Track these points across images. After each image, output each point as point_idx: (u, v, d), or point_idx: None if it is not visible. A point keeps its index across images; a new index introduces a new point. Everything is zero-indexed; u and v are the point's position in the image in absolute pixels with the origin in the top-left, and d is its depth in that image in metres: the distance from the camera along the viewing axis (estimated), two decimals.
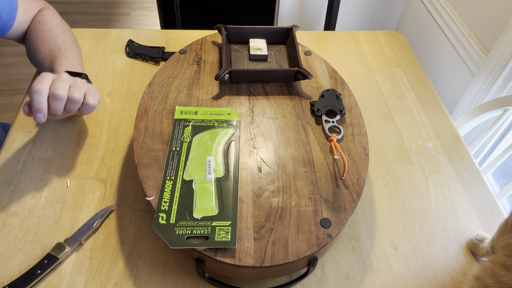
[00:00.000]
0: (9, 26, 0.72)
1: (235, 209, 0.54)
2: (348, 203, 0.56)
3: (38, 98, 0.57)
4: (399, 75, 0.92)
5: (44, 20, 0.75)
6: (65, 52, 0.72)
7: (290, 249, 0.51)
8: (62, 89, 0.59)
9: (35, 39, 0.73)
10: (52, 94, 0.58)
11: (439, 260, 0.61)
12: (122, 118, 0.77)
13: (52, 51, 0.71)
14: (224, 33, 0.77)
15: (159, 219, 0.52)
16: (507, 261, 0.47)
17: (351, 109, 0.69)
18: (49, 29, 0.74)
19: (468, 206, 0.69)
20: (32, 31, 0.74)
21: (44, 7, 0.78)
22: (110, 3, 2.65)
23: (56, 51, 0.71)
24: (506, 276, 0.46)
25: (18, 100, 1.92)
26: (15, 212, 0.62)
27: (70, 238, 0.58)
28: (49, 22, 0.75)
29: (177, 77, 0.72)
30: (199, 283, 0.56)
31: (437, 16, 1.39)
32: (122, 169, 0.69)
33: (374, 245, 0.62)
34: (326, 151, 0.62)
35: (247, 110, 0.68)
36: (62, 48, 0.72)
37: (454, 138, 0.80)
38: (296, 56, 0.74)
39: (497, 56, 1.07)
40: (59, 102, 0.59)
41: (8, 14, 0.70)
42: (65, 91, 0.59)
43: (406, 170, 0.73)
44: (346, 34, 1.03)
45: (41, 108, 0.58)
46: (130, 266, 0.57)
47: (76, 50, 0.75)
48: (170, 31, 0.98)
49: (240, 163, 0.60)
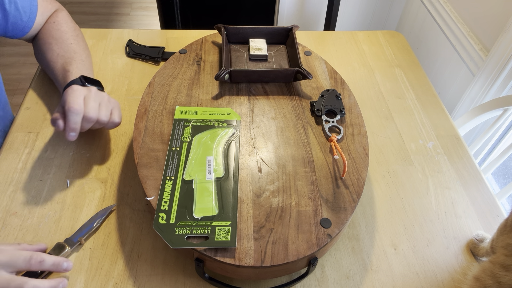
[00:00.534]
0: (29, 27, 0.73)
1: (235, 209, 0.54)
2: (348, 203, 0.56)
3: (75, 118, 0.60)
4: (399, 75, 0.92)
5: (59, 21, 0.76)
6: (81, 56, 0.73)
7: (290, 249, 0.51)
8: (94, 111, 0.62)
9: (49, 37, 0.73)
10: (86, 116, 0.61)
11: (439, 260, 0.61)
12: (122, 118, 0.77)
13: (67, 52, 0.72)
14: (224, 33, 0.77)
15: (159, 219, 0.52)
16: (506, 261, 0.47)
17: (351, 109, 0.69)
18: (64, 30, 0.75)
19: (468, 206, 0.69)
20: (46, 29, 0.75)
21: (58, 8, 0.79)
22: (110, 3, 2.65)
23: (71, 53, 0.72)
24: (505, 276, 0.46)
25: (18, 100, 1.92)
26: (15, 212, 0.62)
27: (70, 238, 0.58)
28: (64, 24, 0.76)
29: (177, 77, 0.72)
30: (199, 283, 0.56)
31: (437, 16, 1.39)
32: (122, 169, 0.69)
33: (374, 245, 0.62)
34: (326, 151, 0.62)
35: (247, 110, 0.68)
36: (78, 51, 0.73)
37: (454, 138, 0.80)
38: (296, 56, 0.74)
39: (497, 56, 1.07)
40: (90, 123, 0.63)
41: (28, 15, 0.71)
42: (96, 112, 0.63)
43: (406, 170, 0.73)
44: (346, 34, 1.03)
45: (76, 128, 0.61)
46: (130, 266, 0.57)
47: (89, 55, 0.77)
48: (170, 31, 0.98)
49: (240, 163, 0.60)
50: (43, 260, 0.51)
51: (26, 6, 0.71)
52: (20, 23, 0.71)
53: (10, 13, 0.68)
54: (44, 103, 0.78)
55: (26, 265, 0.51)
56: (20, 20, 0.70)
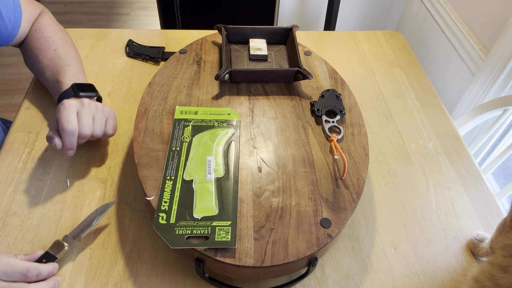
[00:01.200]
0: (14, 35, 0.72)
1: (235, 209, 0.54)
2: (348, 203, 0.56)
3: (70, 139, 0.62)
4: (399, 75, 0.92)
5: (41, 27, 0.75)
6: (66, 61, 0.72)
7: (290, 249, 0.51)
8: (88, 128, 0.63)
9: (33, 48, 0.73)
10: (80, 134, 0.63)
11: (439, 260, 0.61)
12: (122, 118, 0.77)
13: (53, 60, 0.72)
14: (224, 33, 0.77)
15: (159, 219, 0.52)
16: (504, 262, 0.47)
17: (351, 109, 0.69)
18: (46, 36, 0.74)
19: (468, 206, 0.69)
20: (29, 39, 0.74)
21: (41, 12, 0.78)
22: (110, 3, 2.65)
23: (57, 60, 0.71)
24: (503, 278, 0.45)
25: (18, 100, 1.92)
26: (15, 212, 0.62)
27: (68, 235, 0.58)
28: (46, 29, 0.75)
29: (177, 77, 0.72)
30: (199, 283, 0.56)
31: (437, 16, 1.39)
32: (122, 169, 0.69)
33: (374, 245, 0.62)
34: (326, 151, 0.62)
35: (247, 110, 0.68)
36: (63, 56, 0.73)
37: (454, 138, 0.80)
38: (296, 56, 0.74)
39: (497, 56, 1.07)
40: (85, 139, 0.64)
41: (13, 23, 0.71)
42: (90, 128, 0.64)
43: (406, 170, 0.73)
44: (346, 34, 1.03)
45: (73, 147, 0.63)
46: (130, 266, 0.57)
47: (76, 55, 0.76)
48: (170, 31, 0.98)
49: (240, 163, 0.60)
50: (39, 274, 0.52)
51: (11, 14, 0.70)
52: (5, 32, 0.70)
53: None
54: (44, 103, 0.78)
55: (22, 278, 0.51)
56: (5, 29, 0.70)
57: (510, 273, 0.45)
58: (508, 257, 0.47)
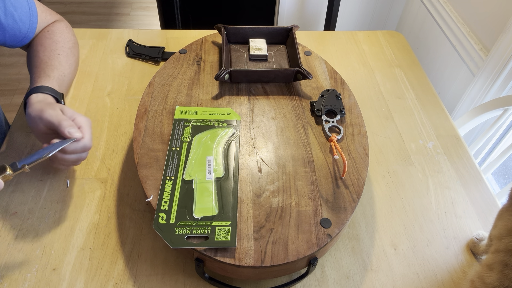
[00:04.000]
0: (29, 38, 0.73)
1: (235, 209, 0.54)
2: (348, 203, 0.56)
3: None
4: (399, 75, 0.92)
5: (53, 30, 0.75)
6: (64, 69, 0.71)
7: (290, 249, 0.51)
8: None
9: (38, 44, 0.73)
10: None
11: (439, 260, 0.61)
12: (122, 118, 0.77)
13: (52, 59, 0.71)
14: (224, 33, 0.77)
15: (159, 219, 0.52)
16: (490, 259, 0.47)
17: (351, 109, 0.69)
18: (56, 39, 0.74)
19: (468, 206, 0.69)
20: (38, 37, 0.75)
21: (58, 19, 0.79)
22: (110, 3, 2.65)
23: (55, 62, 0.71)
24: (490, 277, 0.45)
25: (18, 100, 1.92)
26: (15, 212, 0.62)
27: (15, 162, 0.53)
28: (58, 34, 0.75)
29: (177, 77, 0.72)
30: (199, 283, 0.56)
31: (437, 16, 1.39)
32: (122, 169, 0.69)
33: (374, 245, 0.62)
34: (326, 151, 0.62)
35: (247, 110, 0.68)
36: (63, 63, 0.72)
37: (454, 138, 0.80)
38: (296, 56, 0.74)
39: (497, 56, 1.07)
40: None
41: (28, 27, 0.71)
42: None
43: (406, 170, 0.73)
44: (346, 34, 1.03)
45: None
46: (130, 266, 0.57)
47: (72, 72, 0.75)
48: (170, 31, 0.98)
49: (240, 163, 0.60)
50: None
51: (25, 18, 0.70)
52: (19, 35, 0.71)
53: (8, 26, 0.68)
54: None
55: None
56: (19, 32, 0.70)
57: (494, 270, 0.45)
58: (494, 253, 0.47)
